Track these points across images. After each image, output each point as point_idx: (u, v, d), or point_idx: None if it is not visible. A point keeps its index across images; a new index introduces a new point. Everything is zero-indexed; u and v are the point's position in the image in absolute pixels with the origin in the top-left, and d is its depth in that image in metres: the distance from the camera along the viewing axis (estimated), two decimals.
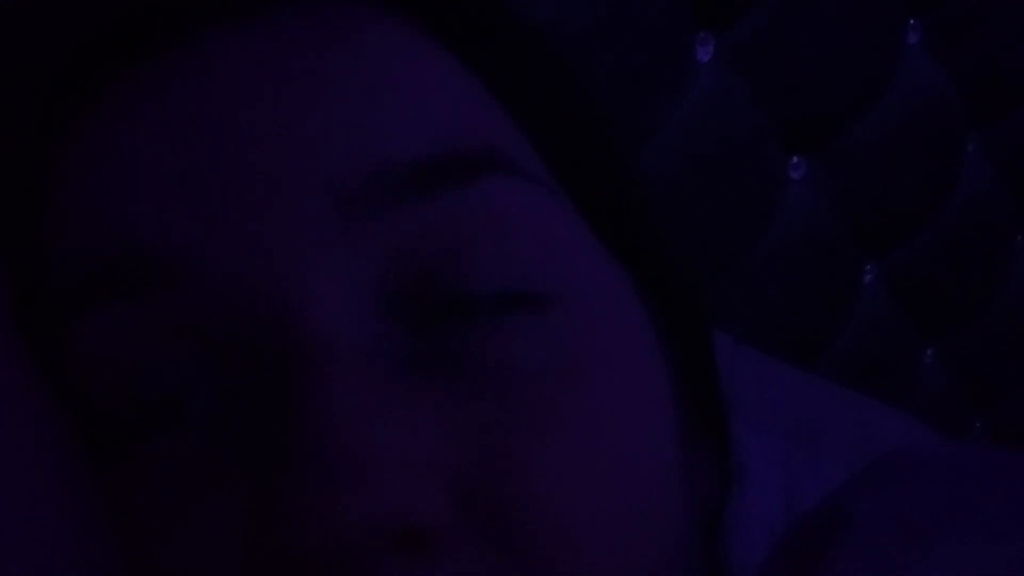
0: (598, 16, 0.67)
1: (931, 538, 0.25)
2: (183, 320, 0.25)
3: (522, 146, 0.28)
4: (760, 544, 0.35)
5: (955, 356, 1.06)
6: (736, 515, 0.34)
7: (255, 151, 0.25)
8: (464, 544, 0.23)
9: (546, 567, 0.24)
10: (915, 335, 1.01)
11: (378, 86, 0.26)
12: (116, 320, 0.25)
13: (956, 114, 0.96)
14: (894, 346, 0.99)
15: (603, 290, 0.28)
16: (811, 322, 0.90)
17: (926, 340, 1.03)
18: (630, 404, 0.27)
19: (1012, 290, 1.08)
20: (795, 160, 0.85)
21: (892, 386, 0.96)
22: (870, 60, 0.87)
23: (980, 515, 0.26)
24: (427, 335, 0.25)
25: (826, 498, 0.29)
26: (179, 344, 0.25)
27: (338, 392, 0.23)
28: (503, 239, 0.26)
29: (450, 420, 0.24)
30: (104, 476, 0.25)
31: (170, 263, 0.25)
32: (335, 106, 0.25)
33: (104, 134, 0.26)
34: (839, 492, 0.29)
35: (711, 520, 0.33)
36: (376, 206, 0.25)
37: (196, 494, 0.24)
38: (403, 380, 0.24)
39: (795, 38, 0.80)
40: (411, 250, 0.25)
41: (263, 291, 0.24)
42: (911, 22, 0.90)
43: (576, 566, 0.24)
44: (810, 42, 0.81)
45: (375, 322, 0.25)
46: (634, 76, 0.71)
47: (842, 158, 0.87)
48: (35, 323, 0.26)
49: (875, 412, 0.78)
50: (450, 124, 0.26)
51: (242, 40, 0.26)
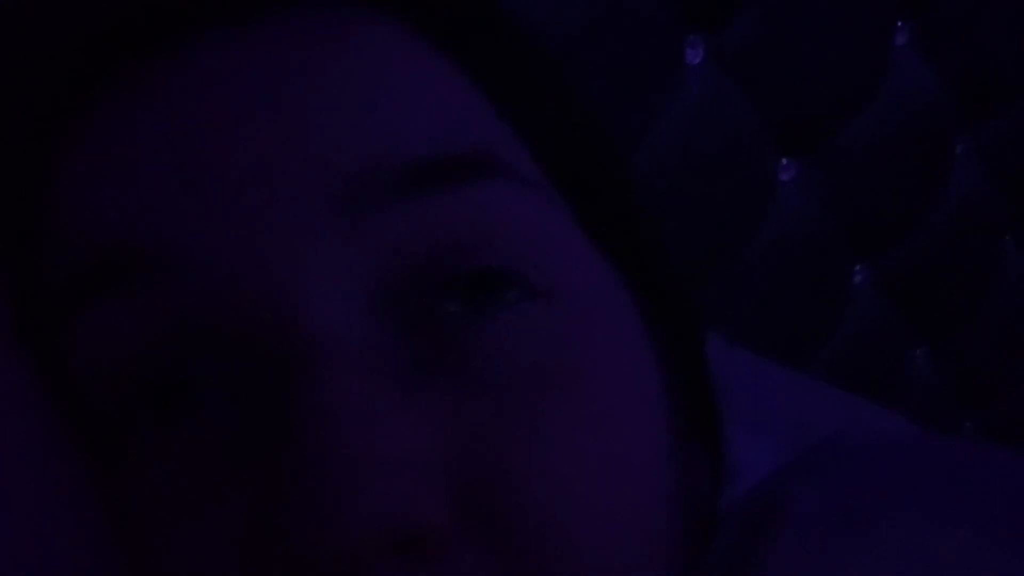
0: (588, 18, 0.68)
1: (868, 523, 0.25)
2: (181, 318, 0.25)
3: (516, 148, 0.28)
4: None
5: (946, 356, 1.06)
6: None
7: (252, 151, 0.25)
8: (462, 546, 0.23)
9: (543, 567, 0.24)
10: (906, 335, 1.02)
11: (373, 87, 0.26)
12: (113, 317, 0.25)
13: (946, 115, 0.96)
14: (885, 346, 0.99)
15: (596, 290, 0.29)
16: (802, 322, 0.90)
17: (917, 340, 1.03)
18: (624, 404, 0.27)
19: (1003, 290, 1.08)
20: (785, 162, 0.85)
21: (883, 386, 0.96)
22: (860, 62, 0.87)
23: (917, 499, 0.26)
24: (424, 335, 0.25)
25: (765, 481, 0.29)
26: (177, 342, 0.25)
27: (336, 394, 0.23)
28: (497, 239, 0.26)
29: (447, 421, 0.24)
30: (104, 476, 0.25)
31: (166, 260, 0.25)
32: (331, 107, 0.25)
33: (102, 133, 0.26)
34: (777, 476, 0.29)
35: (704, 518, 0.33)
36: (372, 206, 0.25)
37: (195, 494, 0.24)
38: (400, 381, 0.24)
39: (785, 40, 0.80)
40: (406, 250, 0.25)
41: (260, 290, 0.24)
42: (899, 24, 0.90)
43: (572, 566, 0.24)
44: (800, 44, 0.81)
45: (372, 322, 0.25)
46: (625, 78, 0.71)
47: (833, 159, 0.87)
48: (34, 322, 0.26)
49: (866, 412, 0.78)
50: (444, 125, 0.26)
51: (240, 42, 0.26)
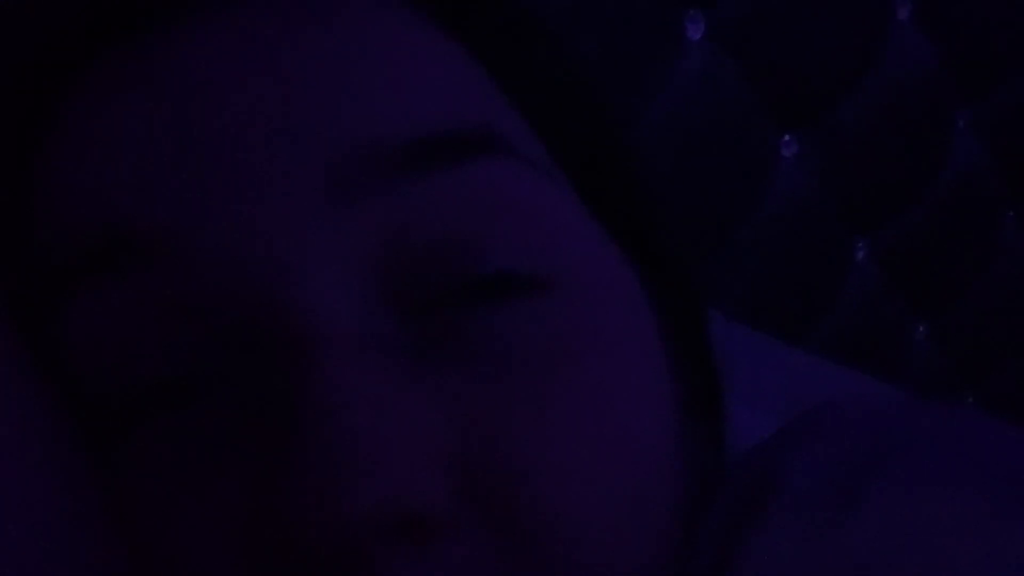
0: None
1: (859, 494, 0.25)
2: (176, 303, 0.25)
3: (519, 127, 0.28)
4: None
5: (947, 332, 1.06)
6: None
7: (247, 132, 0.25)
8: (464, 530, 0.23)
9: (546, 549, 0.24)
10: (906, 311, 1.02)
11: (372, 66, 0.26)
12: (107, 303, 0.25)
13: (946, 90, 0.96)
14: (886, 322, 0.99)
15: (600, 270, 0.28)
16: (803, 299, 0.90)
17: (917, 316, 1.04)
18: (628, 384, 0.27)
19: (1003, 265, 1.08)
20: (786, 137, 0.85)
21: (884, 362, 0.97)
22: (860, 37, 0.87)
23: (907, 469, 0.26)
24: (424, 319, 0.25)
25: (749, 454, 0.29)
26: (173, 328, 0.25)
27: (336, 379, 0.23)
28: (500, 220, 0.26)
29: (449, 405, 0.24)
30: (102, 465, 0.25)
31: (160, 244, 0.24)
32: (328, 86, 0.25)
33: (93, 115, 0.26)
34: (765, 447, 0.29)
35: (705, 494, 0.33)
36: (370, 187, 0.25)
37: (195, 480, 0.24)
38: (401, 365, 0.24)
39: (785, 15, 0.80)
40: (407, 232, 0.25)
41: (257, 274, 0.24)
42: None
43: (574, 546, 0.24)
44: (800, 19, 0.81)
45: (372, 306, 0.25)
46: (624, 54, 0.71)
47: (833, 135, 0.87)
48: (29, 309, 0.26)
49: (867, 388, 0.78)
50: (445, 105, 0.26)
51: (234, 19, 0.26)
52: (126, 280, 0.25)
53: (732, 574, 0.25)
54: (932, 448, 0.27)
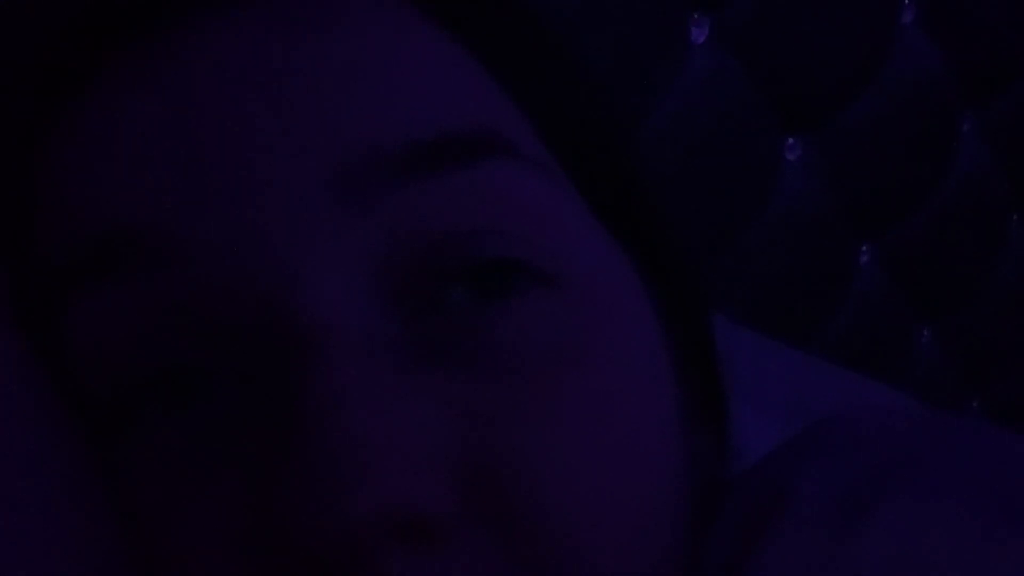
0: None
1: (870, 507, 0.25)
2: (181, 303, 0.25)
3: (523, 128, 0.28)
4: None
5: (951, 336, 1.06)
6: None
7: (251, 134, 0.25)
8: (468, 533, 0.23)
9: (550, 553, 0.24)
10: (911, 315, 1.02)
11: (376, 68, 0.26)
12: (111, 302, 0.25)
13: (951, 93, 0.96)
14: (890, 326, 0.99)
15: (605, 271, 0.28)
16: (807, 302, 0.90)
17: (922, 320, 1.03)
18: (632, 386, 0.27)
19: (1008, 269, 1.08)
20: (790, 141, 0.85)
21: (888, 366, 0.96)
22: (865, 40, 0.87)
23: (914, 480, 0.26)
24: (429, 320, 0.25)
25: (762, 462, 0.29)
26: (178, 328, 0.25)
27: (340, 380, 0.23)
28: (504, 221, 0.26)
29: (452, 406, 0.24)
30: (104, 463, 0.25)
31: (166, 245, 0.24)
32: (331, 88, 0.25)
33: (98, 117, 0.26)
34: (774, 458, 0.29)
35: (710, 498, 0.33)
36: (373, 189, 0.25)
37: (197, 480, 0.24)
38: (405, 366, 0.24)
39: (790, 18, 0.80)
40: (410, 233, 0.25)
41: (262, 275, 0.24)
42: (906, 1, 0.90)
43: (580, 550, 0.24)
44: (805, 22, 0.81)
45: (376, 308, 0.25)
46: (629, 57, 0.71)
47: (838, 138, 0.87)
48: (33, 308, 0.26)
49: (872, 392, 0.78)
50: (448, 106, 0.26)
51: (240, 23, 0.26)
52: (129, 281, 0.25)
53: None
54: (944, 461, 0.27)
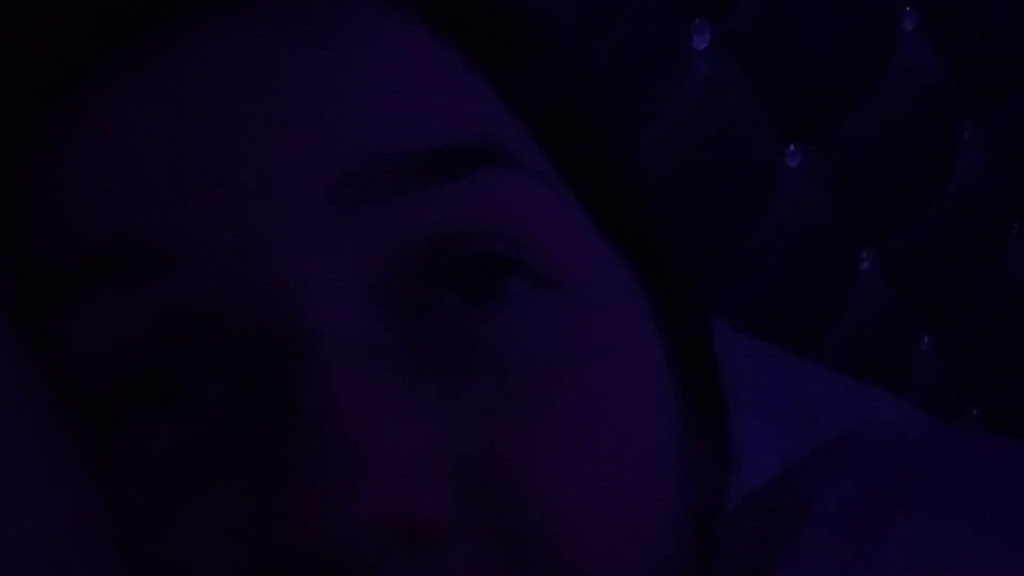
0: (593, 4, 0.67)
1: (889, 522, 0.25)
2: (179, 310, 0.25)
3: (522, 138, 0.28)
4: None
5: (952, 343, 1.06)
6: (733, 501, 0.34)
7: (251, 142, 0.25)
8: (467, 538, 0.23)
9: (549, 559, 0.24)
10: (912, 322, 1.02)
11: (376, 78, 0.26)
12: (110, 309, 0.25)
13: (952, 100, 0.96)
14: (891, 333, 0.99)
15: (604, 279, 0.28)
16: (808, 309, 0.90)
17: (923, 327, 1.03)
18: (631, 394, 0.27)
19: (1008, 277, 1.08)
20: (791, 148, 0.85)
21: (889, 373, 0.96)
22: (866, 47, 0.87)
23: (936, 497, 0.26)
24: (428, 327, 0.25)
25: (781, 477, 0.29)
26: (175, 335, 0.25)
27: (338, 386, 0.23)
28: (503, 227, 0.26)
29: (452, 412, 0.24)
30: (104, 470, 0.25)
31: (164, 252, 0.24)
32: (331, 98, 0.25)
33: (98, 124, 0.26)
34: (793, 473, 0.29)
35: (710, 506, 0.33)
36: (372, 197, 0.25)
37: (194, 487, 0.24)
38: (404, 372, 0.24)
39: (791, 25, 0.80)
40: (408, 241, 0.25)
41: (259, 283, 0.24)
42: (907, 8, 0.90)
43: (578, 557, 0.24)
44: (806, 29, 0.81)
45: (375, 314, 0.25)
46: (630, 64, 0.71)
47: (838, 145, 0.87)
48: (32, 316, 0.26)
49: (872, 399, 0.78)
50: (448, 116, 0.26)
51: (239, 30, 0.26)
52: (128, 288, 0.25)
53: None
54: (962, 478, 0.27)
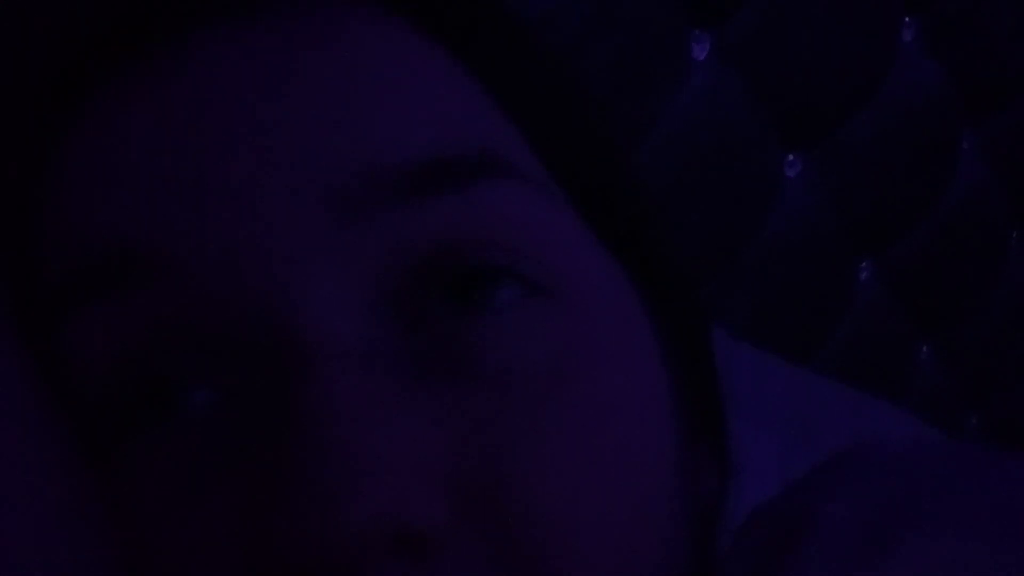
0: (593, 13, 0.67)
1: (893, 538, 0.25)
2: (179, 317, 0.25)
3: (519, 146, 0.28)
4: None
5: (951, 352, 1.06)
6: (733, 510, 0.34)
7: (249, 151, 0.25)
8: (462, 546, 0.23)
9: (543, 566, 0.24)
10: (911, 331, 1.02)
11: (373, 87, 0.26)
12: (111, 316, 0.25)
13: (951, 111, 0.96)
14: (890, 342, 0.99)
15: (601, 288, 0.28)
16: (807, 318, 0.90)
17: (922, 336, 1.03)
18: (629, 402, 0.27)
19: (1008, 286, 1.08)
20: (791, 157, 0.85)
21: (888, 382, 0.96)
22: (866, 57, 0.87)
23: (939, 513, 0.26)
24: (424, 334, 0.25)
25: (786, 491, 0.29)
26: (176, 342, 0.25)
27: (335, 394, 0.23)
28: (501, 235, 0.26)
29: (448, 420, 0.24)
30: (102, 474, 0.25)
31: (164, 260, 0.24)
32: (329, 107, 0.25)
33: (99, 132, 0.26)
34: (799, 487, 0.29)
35: (708, 516, 0.33)
36: (370, 207, 0.25)
37: (192, 493, 0.24)
38: (400, 380, 0.24)
39: (791, 35, 0.80)
40: (406, 250, 0.25)
41: (258, 291, 0.24)
42: (907, 19, 0.90)
43: (573, 565, 0.24)
44: (806, 39, 0.81)
45: (371, 322, 0.25)
46: (629, 74, 0.71)
47: (838, 155, 0.87)
48: (32, 323, 0.26)
49: (871, 407, 0.78)
50: (445, 126, 0.26)
51: (237, 40, 0.26)
52: (128, 297, 0.25)
53: None
54: (968, 495, 0.27)
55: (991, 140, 1.01)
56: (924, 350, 1.04)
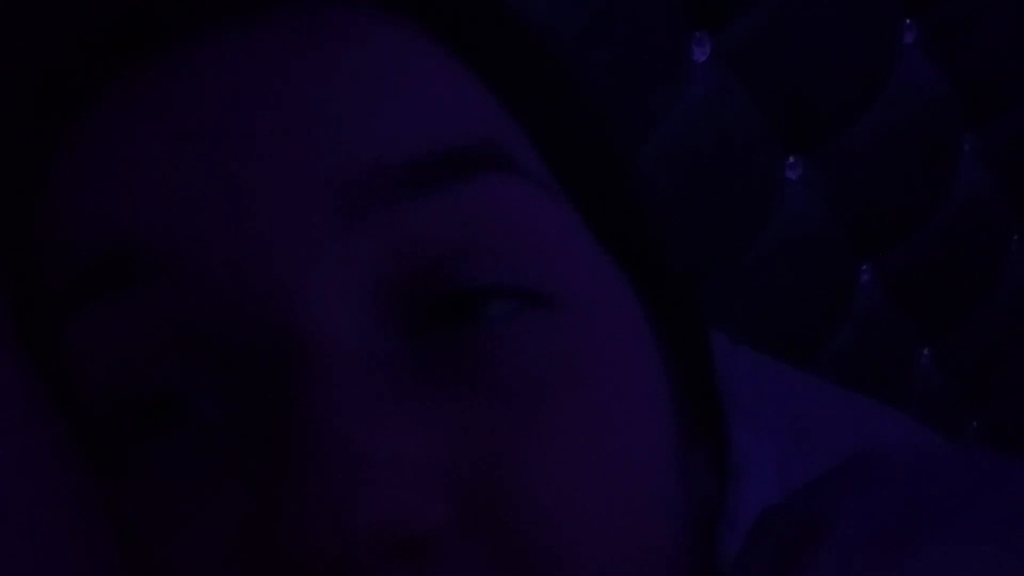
0: (593, 15, 0.67)
1: (906, 544, 0.25)
2: (181, 319, 0.25)
3: (522, 145, 0.28)
4: None
5: (951, 356, 1.06)
6: (732, 514, 0.34)
7: (252, 151, 0.25)
8: (464, 549, 0.23)
9: (546, 570, 0.24)
10: (911, 335, 1.01)
11: (376, 85, 0.26)
12: (113, 319, 0.25)
13: (952, 114, 0.96)
14: (890, 346, 0.99)
15: (602, 290, 0.28)
16: (807, 321, 0.90)
17: (922, 340, 1.03)
18: (630, 406, 0.27)
19: (1008, 290, 1.08)
20: (791, 160, 0.85)
21: (888, 385, 0.96)
22: (866, 60, 0.87)
23: (952, 520, 0.26)
24: (427, 337, 0.25)
25: (800, 494, 0.29)
26: (177, 344, 0.25)
27: (338, 397, 0.23)
28: (502, 236, 0.26)
29: (450, 423, 0.24)
30: (104, 479, 0.25)
31: (166, 262, 0.24)
32: (333, 105, 0.25)
33: (102, 133, 0.26)
34: (813, 490, 0.29)
35: (708, 519, 0.33)
36: (374, 206, 0.25)
37: (196, 496, 0.24)
38: (403, 383, 0.24)
39: (791, 38, 0.80)
40: (410, 249, 0.25)
41: (261, 292, 0.24)
42: (907, 22, 0.90)
43: (575, 568, 0.24)
44: (806, 42, 0.81)
45: (375, 324, 0.25)
46: (630, 76, 0.71)
47: (838, 158, 0.87)
48: (34, 325, 0.26)
49: (871, 411, 0.78)
50: (448, 122, 0.26)
51: (241, 40, 0.26)
52: (130, 297, 0.25)
53: None
54: (982, 501, 0.27)
55: (992, 143, 1.01)
56: (925, 353, 1.04)
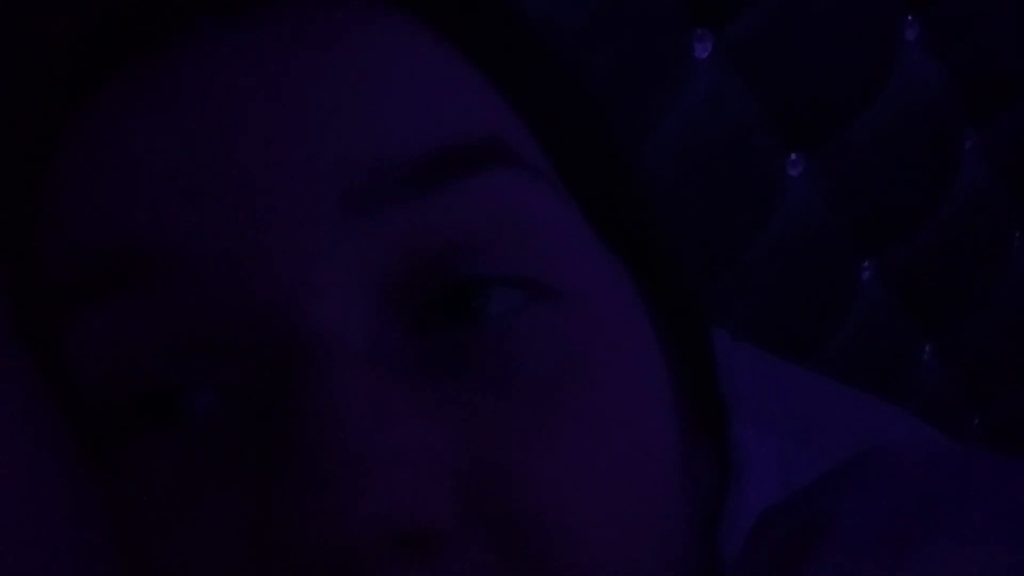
0: (595, 13, 0.67)
1: (908, 545, 0.25)
2: (182, 317, 0.25)
3: (526, 140, 0.28)
4: None
5: (953, 352, 1.06)
6: (734, 511, 0.34)
7: (255, 149, 0.25)
8: (468, 545, 0.23)
9: (549, 566, 0.24)
10: (913, 331, 1.01)
11: (379, 81, 0.26)
12: (114, 317, 0.25)
13: (954, 110, 0.96)
14: (892, 342, 0.99)
15: (604, 286, 0.28)
16: (809, 318, 0.90)
17: (924, 336, 1.03)
18: (632, 403, 0.27)
19: (1010, 286, 1.07)
20: (793, 157, 0.85)
21: (890, 382, 0.96)
22: (868, 57, 0.87)
23: (956, 520, 0.26)
24: (431, 333, 0.25)
25: (801, 493, 0.29)
26: (179, 341, 0.25)
27: (341, 392, 0.23)
28: (506, 230, 0.26)
29: (454, 419, 0.24)
30: (104, 476, 0.25)
31: (168, 259, 0.24)
32: (336, 102, 0.25)
33: (102, 131, 0.26)
34: (815, 490, 0.29)
35: (710, 516, 0.33)
36: (378, 203, 0.25)
37: (198, 493, 0.24)
38: (407, 379, 0.24)
39: (793, 35, 0.80)
40: (414, 246, 0.25)
41: (264, 289, 0.24)
42: (909, 18, 0.90)
43: (579, 567, 0.24)
44: (808, 39, 0.81)
45: (378, 320, 0.25)
46: (632, 73, 0.71)
47: (840, 155, 0.87)
48: (35, 323, 0.26)
49: (873, 408, 0.78)
50: (452, 117, 0.26)
51: (243, 36, 0.26)
52: (132, 297, 0.25)
53: None
54: (986, 501, 0.27)
55: (993, 139, 1.01)
56: (926, 350, 1.04)
